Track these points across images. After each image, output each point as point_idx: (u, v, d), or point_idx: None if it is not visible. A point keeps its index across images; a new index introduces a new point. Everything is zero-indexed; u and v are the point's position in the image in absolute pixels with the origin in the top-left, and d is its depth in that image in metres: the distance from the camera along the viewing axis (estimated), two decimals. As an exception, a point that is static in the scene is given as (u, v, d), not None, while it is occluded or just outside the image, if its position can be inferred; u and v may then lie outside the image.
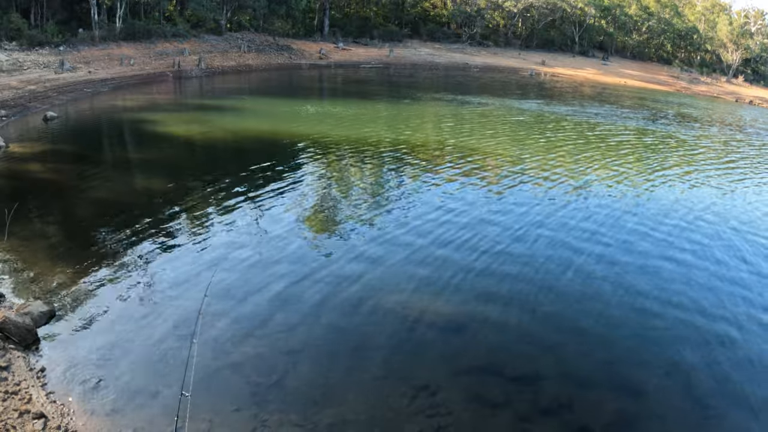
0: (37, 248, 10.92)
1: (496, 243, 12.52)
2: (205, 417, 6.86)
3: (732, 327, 10.00)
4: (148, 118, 22.96)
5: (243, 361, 8.02)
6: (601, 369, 8.61)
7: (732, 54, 67.64)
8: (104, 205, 13.51)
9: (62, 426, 6.59)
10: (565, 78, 54.76)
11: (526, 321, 9.65)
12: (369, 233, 12.67)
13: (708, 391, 8.24)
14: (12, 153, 16.80)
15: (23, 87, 25.55)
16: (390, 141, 21.52)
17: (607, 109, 36.27)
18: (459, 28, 67.09)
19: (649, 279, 11.51)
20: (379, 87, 38.72)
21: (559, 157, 21.12)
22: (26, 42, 31.75)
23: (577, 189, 17.04)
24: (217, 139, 20.56)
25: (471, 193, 15.85)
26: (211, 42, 43.45)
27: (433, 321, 9.38)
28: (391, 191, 15.78)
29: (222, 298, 9.49)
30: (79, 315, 8.82)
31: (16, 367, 7.43)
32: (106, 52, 35.13)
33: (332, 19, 56.90)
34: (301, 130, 22.83)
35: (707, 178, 20.44)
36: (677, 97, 49.79)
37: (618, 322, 9.84)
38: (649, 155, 23.41)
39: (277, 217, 13.26)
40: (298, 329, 8.87)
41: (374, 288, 10.23)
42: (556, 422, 7.41)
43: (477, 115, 29.64)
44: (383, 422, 7.14)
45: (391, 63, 51.67)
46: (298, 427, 6.92)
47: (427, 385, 7.82)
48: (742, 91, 60.29)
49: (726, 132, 32.91)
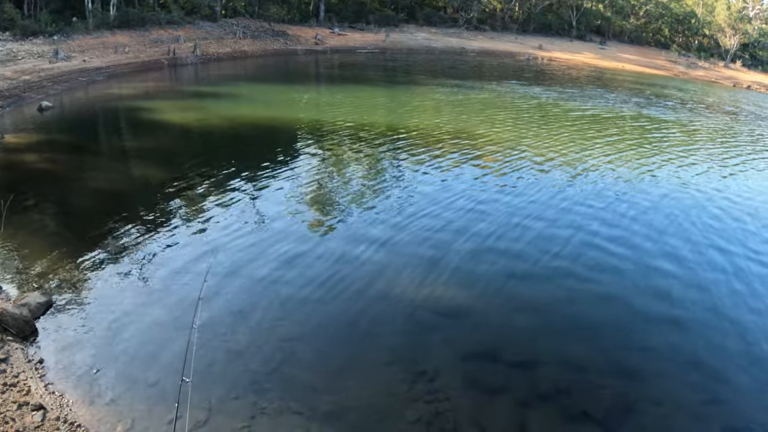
0: (33, 239, 10.88)
1: (495, 228, 12.50)
2: (205, 405, 6.87)
3: (733, 312, 10.03)
4: (143, 106, 22.81)
5: (243, 348, 8.02)
6: (600, 354, 8.63)
7: (730, 39, 67.21)
8: (101, 194, 13.45)
9: (61, 417, 6.59)
10: (562, 62, 54.46)
11: (525, 306, 9.66)
12: (367, 219, 12.64)
13: (708, 376, 8.28)
14: (7, 143, 16.70)
15: (17, 77, 25.32)
16: (387, 126, 21.42)
17: (605, 93, 36.14)
18: (455, 12, 66.58)
19: (649, 263, 11.52)
20: (376, 72, 38.48)
21: (557, 141, 21.05)
22: (20, 32, 31.42)
23: (576, 173, 17.00)
24: (214, 127, 20.45)
25: (470, 178, 15.80)
26: (206, 29, 43.06)
27: (432, 307, 9.38)
28: (390, 176, 15.73)
29: (221, 284, 9.48)
30: (77, 305, 8.81)
31: (14, 358, 7.43)
32: (100, 40, 34.81)
33: (328, 5, 56.38)
34: (297, 116, 22.72)
35: (709, 162, 20.41)
36: (675, 82, 49.60)
37: (618, 307, 9.86)
38: (648, 140, 23.36)
39: (276, 204, 13.22)
40: (297, 316, 8.87)
41: (373, 274, 10.23)
42: (555, 407, 7.44)
43: (474, 100, 29.49)
44: (382, 408, 7.16)
45: (388, 48, 51.31)
46: (297, 414, 6.94)
47: (426, 371, 7.84)
48: (739, 76, 60.01)
49: (725, 117, 32.83)
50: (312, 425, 6.81)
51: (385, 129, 21.14)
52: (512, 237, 12.19)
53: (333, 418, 6.93)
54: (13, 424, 6.35)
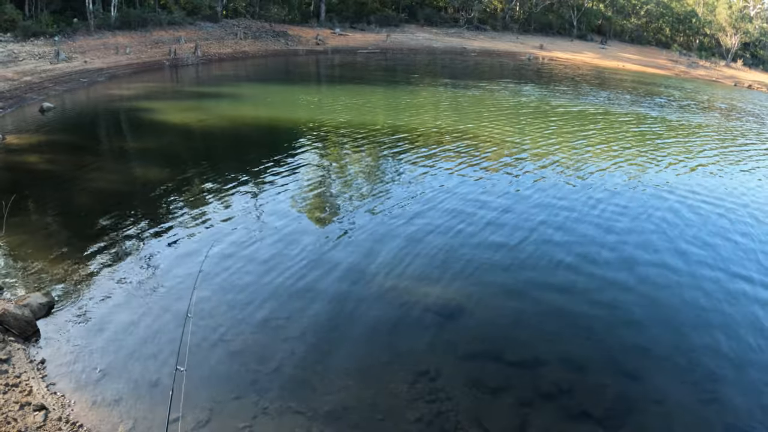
0: (35, 239, 10.90)
1: (495, 228, 12.50)
2: (206, 405, 6.89)
3: (734, 311, 10.02)
4: (144, 106, 22.83)
5: (243, 347, 8.02)
6: (601, 353, 8.62)
7: (731, 38, 67.16)
8: (102, 194, 13.47)
9: (63, 417, 6.61)
10: (563, 62, 54.44)
11: (526, 306, 9.66)
12: (367, 217, 12.65)
13: (709, 376, 8.27)
14: (9, 144, 16.72)
15: (19, 78, 25.38)
16: (388, 126, 21.42)
17: (606, 93, 36.12)
18: (456, 12, 66.60)
19: (649, 262, 11.52)
20: (376, 72, 38.48)
21: (558, 141, 21.05)
22: (21, 33, 31.47)
23: (576, 173, 16.99)
24: (215, 127, 20.47)
25: (471, 179, 15.80)
26: (207, 29, 43.11)
27: (433, 306, 9.38)
28: (390, 176, 15.74)
29: (222, 284, 9.50)
30: (79, 305, 8.82)
31: (16, 359, 7.44)
32: (101, 41, 34.86)
33: (329, 5, 56.42)
34: (298, 116, 22.72)
35: (710, 162, 20.39)
36: (676, 81, 49.56)
37: (618, 306, 9.86)
38: (649, 140, 23.33)
39: (276, 202, 13.23)
40: (297, 315, 8.87)
41: (374, 273, 10.23)
42: (556, 407, 7.43)
43: (475, 100, 29.49)
44: (384, 408, 7.16)
45: (388, 48, 51.32)
46: (298, 413, 6.94)
47: (427, 371, 7.84)
48: (740, 75, 59.95)
49: (727, 117, 32.79)
50: (313, 425, 6.80)
51: (386, 129, 21.14)
52: (513, 237, 12.18)
53: (334, 418, 6.94)
54: (15, 425, 6.36)
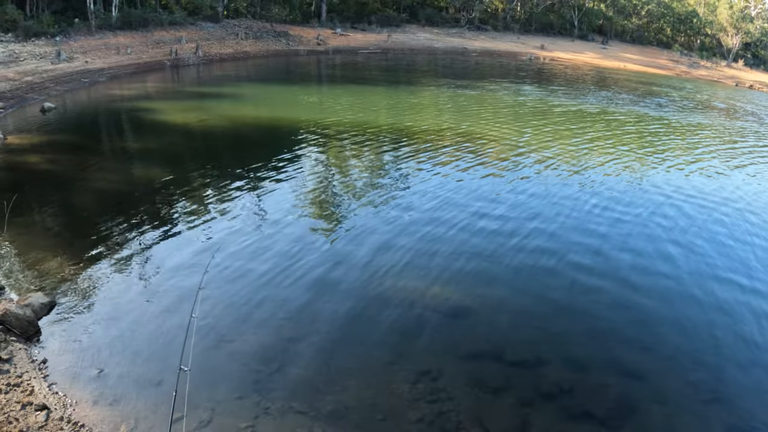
0: (36, 239, 10.90)
1: (498, 227, 12.49)
2: (208, 406, 6.89)
3: (738, 310, 10.01)
4: (146, 106, 22.85)
5: (245, 347, 8.02)
6: (603, 353, 8.61)
7: (732, 38, 67.12)
8: (103, 194, 13.48)
9: (65, 417, 6.61)
10: (564, 62, 54.42)
11: (527, 306, 9.66)
12: (369, 217, 12.64)
13: (712, 375, 8.26)
14: (10, 144, 16.73)
15: (20, 78, 25.39)
16: (389, 126, 21.43)
17: (607, 93, 36.10)
18: (457, 12, 66.60)
19: (652, 263, 11.50)
20: (378, 72, 38.49)
21: (559, 141, 21.03)
22: (22, 33, 31.50)
23: (578, 173, 16.99)
24: (216, 127, 20.48)
25: (472, 178, 15.79)
26: (208, 29, 43.13)
27: (435, 306, 9.38)
28: (392, 176, 15.73)
29: (222, 284, 9.50)
30: (80, 304, 8.82)
31: (17, 359, 7.45)
32: (102, 41, 34.88)
33: (330, 5, 56.44)
34: (299, 116, 22.73)
35: (712, 162, 20.37)
36: (677, 81, 49.53)
37: (621, 306, 9.85)
38: (651, 140, 23.32)
39: (278, 202, 13.24)
40: (298, 315, 8.87)
41: (375, 273, 10.23)
42: (558, 407, 7.42)
43: (476, 100, 29.48)
44: (385, 408, 7.16)
45: (390, 48, 51.33)
46: (299, 413, 6.94)
47: (428, 371, 7.84)
48: (742, 75, 59.89)
49: (729, 117, 32.78)
50: (314, 425, 6.80)
51: (387, 129, 21.14)
52: (514, 237, 12.17)
53: (335, 418, 6.93)
54: (17, 425, 6.36)
